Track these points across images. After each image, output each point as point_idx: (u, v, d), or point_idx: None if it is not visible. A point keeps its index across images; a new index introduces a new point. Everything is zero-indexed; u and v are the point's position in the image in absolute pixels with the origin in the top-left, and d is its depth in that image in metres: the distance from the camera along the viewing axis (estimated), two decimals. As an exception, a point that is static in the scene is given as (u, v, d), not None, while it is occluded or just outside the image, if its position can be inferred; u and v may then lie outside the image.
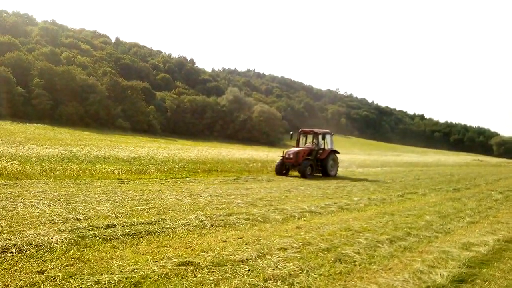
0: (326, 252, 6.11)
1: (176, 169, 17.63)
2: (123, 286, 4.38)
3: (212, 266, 5.14)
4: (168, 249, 5.84)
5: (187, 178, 15.28)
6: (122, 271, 4.77)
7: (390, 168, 32.38)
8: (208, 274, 4.86)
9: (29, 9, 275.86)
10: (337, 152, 21.51)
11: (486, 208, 11.76)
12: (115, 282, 4.44)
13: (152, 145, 37.10)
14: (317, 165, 20.18)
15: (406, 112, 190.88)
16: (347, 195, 13.18)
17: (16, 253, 5.15)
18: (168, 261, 5.21)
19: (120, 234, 6.29)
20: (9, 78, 59.29)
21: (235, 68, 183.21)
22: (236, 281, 4.68)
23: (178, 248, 5.90)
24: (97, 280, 4.44)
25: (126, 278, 4.55)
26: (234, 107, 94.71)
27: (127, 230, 6.53)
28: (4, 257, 5.00)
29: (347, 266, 5.53)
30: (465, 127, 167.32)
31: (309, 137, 22.05)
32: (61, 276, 4.50)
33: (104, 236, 6.14)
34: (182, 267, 5.04)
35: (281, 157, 20.10)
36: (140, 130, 70.94)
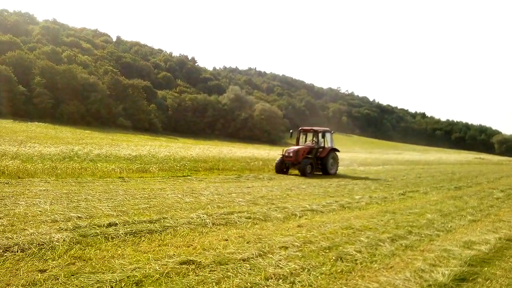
0: (327, 250, 6.11)
1: (178, 167, 17.62)
2: (124, 285, 4.39)
3: (213, 265, 5.14)
4: (169, 247, 5.84)
5: (188, 177, 15.27)
6: (123, 270, 4.77)
7: (392, 166, 32.36)
8: (209, 273, 4.87)
9: (30, 8, 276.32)
10: (337, 150, 21.42)
11: (488, 206, 11.74)
12: (116, 281, 4.44)
13: (153, 143, 37.14)
14: (317, 163, 20.09)
15: (407, 110, 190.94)
16: (349, 193, 13.17)
17: (18, 251, 5.16)
18: (169, 260, 5.21)
19: (122, 233, 6.29)
20: (10, 77, 59.43)
21: (236, 67, 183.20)
22: (238, 280, 4.68)
23: (179, 247, 5.90)
24: (98, 279, 4.45)
25: (128, 277, 4.55)
26: (235, 105, 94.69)
27: (128, 229, 6.54)
28: (6, 255, 5.01)
29: (348, 264, 5.53)
30: (466, 125, 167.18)
31: (309, 135, 21.97)
32: (62, 275, 4.51)
33: (106, 235, 6.14)
34: (184, 265, 5.04)
35: (281, 156, 20.04)
36: (141, 129, 70.99)
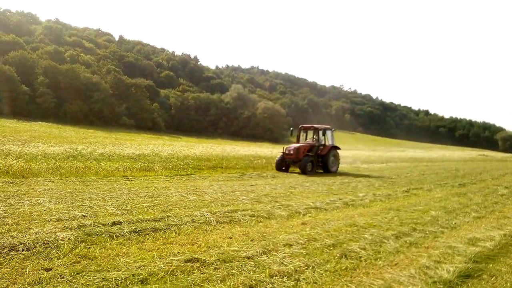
0: (331, 248, 6.11)
1: (181, 166, 17.64)
2: (129, 282, 4.40)
3: (218, 263, 5.15)
4: (174, 245, 5.85)
5: (192, 175, 15.29)
6: (128, 268, 4.79)
7: (395, 163, 32.30)
8: (214, 271, 4.87)
9: (32, 8, 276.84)
10: (338, 148, 21.25)
11: (492, 203, 11.71)
12: (121, 279, 4.45)
13: (156, 142, 37.17)
14: (318, 161, 19.93)
15: (410, 107, 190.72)
16: (352, 191, 13.16)
17: (23, 250, 5.18)
18: (174, 258, 5.22)
19: (126, 231, 6.30)
20: (13, 77, 59.65)
21: (239, 65, 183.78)
22: (242, 278, 4.68)
23: (184, 245, 5.91)
24: (104, 277, 4.46)
25: (133, 275, 4.57)
26: (238, 104, 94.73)
27: (133, 227, 6.55)
28: (11, 254, 5.03)
29: (353, 262, 5.52)
30: (470, 122, 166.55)
31: (309, 133, 21.80)
32: (68, 273, 4.53)
33: (110, 233, 6.16)
34: (188, 263, 5.05)
35: (281, 153, 19.94)
36: (144, 128, 71.18)
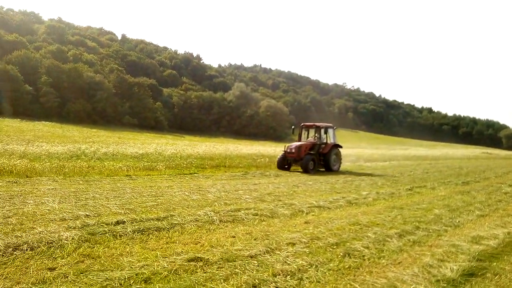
0: (335, 246, 6.10)
1: (184, 165, 17.67)
2: (133, 282, 4.41)
3: (221, 262, 5.15)
4: (177, 245, 5.86)
5: (195, 174, 15.31)
6: (132, 267, 4.80)
7: (398, 162, 32.25)
8: (217, 270, 4.87)
9: (35, 7, 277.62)
10: (340, 146, 21.11)
11: (496, 201, 11.66)
12: (125, 278, 4.46)
13: (159, 141, 37.24)
14: (319, 159, 19.81)
15: (414, 105, 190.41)
16: (355, 189, 13.14)
17: (27, 250, 5.19)
18: (177, 257, 5.23)
19: (130, 231, 6.31)
20: (16, 77, 59.84)
21: (242, 64, 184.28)
22: (245, 277, 4.68)
23: (187, 244, 5.91)
24: (107, 277, 4.47)
25: (136, 274, 4.58)
26: (240, 102, 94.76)
27: (136, 227, 6.56)
28: (15, 254, 5.05)
29: (356, 260, 5.51)
30: (473, 120, 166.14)
31: (311, 131, 21.67)
32: (72, 273, 4.54)
33: (114, 233, 6.17)
34: (192, 263, 5.06)
35: (283, 152, 19.88)
36: (147, 127, 71.34)
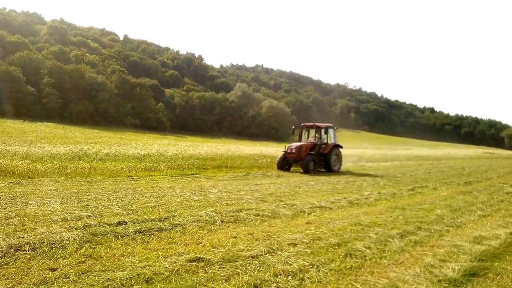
0: (336, 247, 6.10)
1: (186, 165, 17.68)
2: (134, 282, 4.41)
3: (222, 262, 5.15)
4: (178, 245, 5.86)
5: (197, 175, 15.32)
6: (133, 268, 4.80)
7: (400, 162, 32.20)
8: (218, 270, 4.88)
9: (37, 8, 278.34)
10: (340, 147, 21.03)
11: (498, 201, 11.63)
12: (127, 278, 4.47)
13: (161, 142, 37.28)
14: (320, 160, 19.73)
15: (416, 105, 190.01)
16: (357, 189, 13.12)
17: (29, 251, 5.21)
18: (179, 258, 5.23)
19: (131, 231, 6.32)
20: (19, 78, 60.02)
21: (243, 64, 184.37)
22: (247, 277, 4.68)
23: (188, 245, 5.92)
24: (109, 277, 4.48)
25: (138, 275, 4.58)
26: (242, 103, 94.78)
27: (138, 227, 6.57)
28: (17, 255, 5.06)
29: (357, 261, 5.51)
30: (476, 120, 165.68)
31: (311, 132, 21.61)
32: (73, 273, 4.55)
33: (116, 233, 6.18)
34: (193, 263, 5.06)
35: (283, 152, 19.83)
36: (149, 127, 71.40)
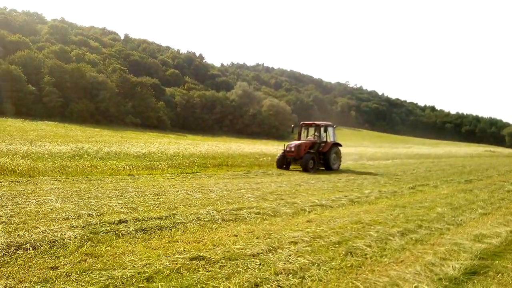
0: (337, 245, 6.10)
1: (187, 164, 17.69)
2: (135, 281, 4.42)
3: (223, 261, 5.16)
4: (179, 244, 5.87)
5: (197, 173, 15.33)
6: (134, 266, 4.81)
7: (401, 160, 32.17)
8: (219, 269, 4.88)
9: (38, 7, 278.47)
10: (340, 145, 20.95)
11: (499, 199, 11.62)
12: (127, 277, 4.47)
13: (162, 140, 37.28)
14: (319, 158, 19.68)
15: (416, 103, 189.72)
16: (358, 188, 13.12)
17: (30, 249, 5.21)
18: (179, 256, 5.24)
19: (132, 230, 6.33)
20: (20, 77, 60.05)
21: (244, 63, 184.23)
22: (247, 275, 4.69)
23: (189, 243, 5.93)
24: (110, 275, 4.49)
25: (139, 273, 4.59)
26: (243, 101, 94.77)
27: (138, 226, 6.58)
28: (18, 253, 5.07)
29: (358, 259, 5.51)
30: (476, 118, 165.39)
31: (310, 130, 21.55)
32: (74, 272, 4.56)
33: (116, 232, 6.19)
34: (194, 261, 5.07)
35: (283, 151, 19.78)
36: (150, 126, 71.45)
